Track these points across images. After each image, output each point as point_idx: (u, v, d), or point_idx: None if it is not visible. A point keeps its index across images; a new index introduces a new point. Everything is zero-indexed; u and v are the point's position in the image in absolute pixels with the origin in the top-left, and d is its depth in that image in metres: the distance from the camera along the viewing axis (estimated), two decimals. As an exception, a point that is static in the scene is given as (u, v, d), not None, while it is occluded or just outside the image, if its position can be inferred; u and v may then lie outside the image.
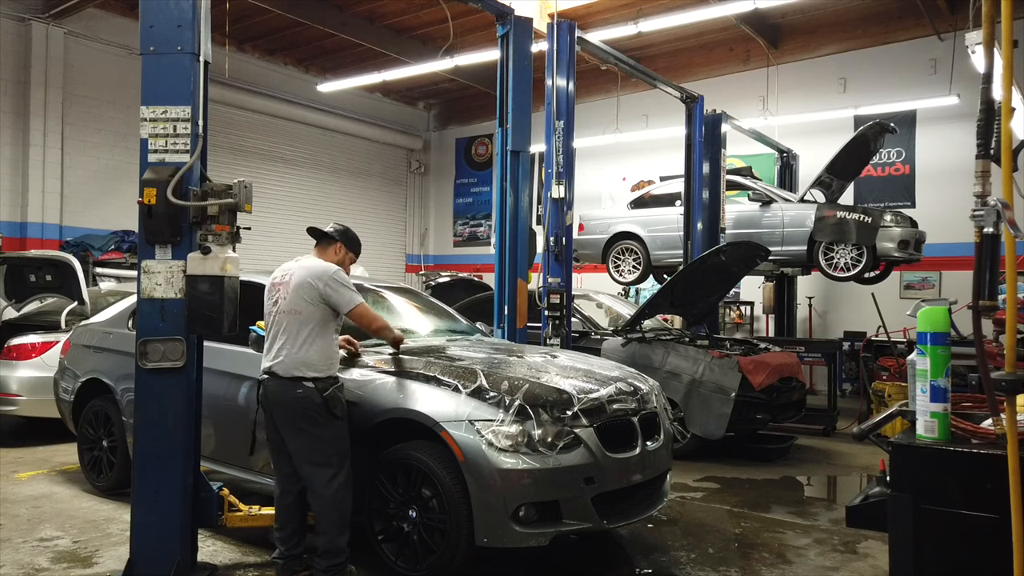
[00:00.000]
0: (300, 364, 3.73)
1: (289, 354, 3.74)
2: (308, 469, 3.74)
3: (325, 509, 3.71)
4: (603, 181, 14.77)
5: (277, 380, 3.76)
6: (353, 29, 12.31)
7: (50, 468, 6.29)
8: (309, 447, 3.74)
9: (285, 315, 3.79)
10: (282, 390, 3.74)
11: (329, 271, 3.85)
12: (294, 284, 3.81)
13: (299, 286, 3.80)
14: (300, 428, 3.72)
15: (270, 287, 3.94)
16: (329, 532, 3.71)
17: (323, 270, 3.84)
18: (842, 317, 12.18)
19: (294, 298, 3.79)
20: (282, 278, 3.90)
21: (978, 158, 2.56)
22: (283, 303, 3.82)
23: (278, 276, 3.94)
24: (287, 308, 3.80)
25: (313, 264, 3.91)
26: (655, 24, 9.92)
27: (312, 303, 3.77)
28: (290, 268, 3.93)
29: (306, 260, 3.96)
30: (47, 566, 4.09)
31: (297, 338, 3.75)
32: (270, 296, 3.92)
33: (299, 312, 3.77)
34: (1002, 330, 2.70)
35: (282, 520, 3.90)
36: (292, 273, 3.87)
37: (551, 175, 7.00)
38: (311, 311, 3.77)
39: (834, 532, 4.91)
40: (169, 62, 3.72)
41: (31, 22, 11.23)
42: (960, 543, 2.57)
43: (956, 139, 11.15)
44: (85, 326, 6.14)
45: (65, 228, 11.55)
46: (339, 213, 15.61)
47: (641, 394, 4.30)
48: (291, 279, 3.84)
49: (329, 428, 3.75)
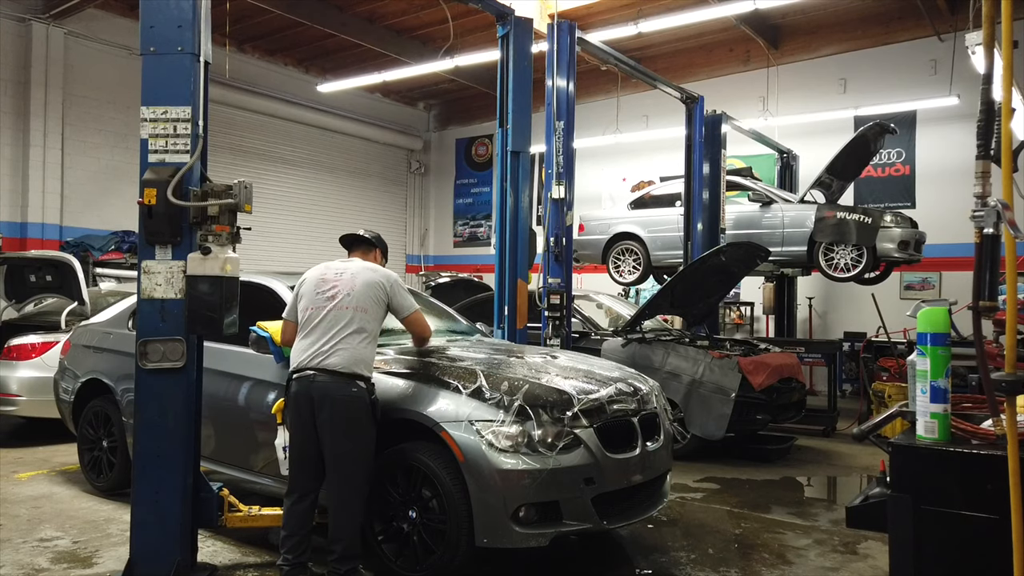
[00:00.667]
0: (359, 361, 3.71)
1: (350, 350, 3.69)
2: (343, 472, 3.65)
3: (347, 514, 3.65)
4: (603, 181, 14.78)
5: (330, 375, 3.66)
6: (353, 29, 12.32)
7: (50, 468, 6.29)
8: (351, 449, 3.66)
9: (349, 311, 3.74)
10: (336, 386, 3.65)
11: (392, 276, 3.96)
12: (364, 282, 3.81)
13: (369, 285, 3.81)
14: (347, 428, 3.65)
15: (319, 280, 3.86)
16: (348, 537, 3.64)
17: (386, 275, 3.94)
18: (842, 318, 12.18)
19: (363, 296, 3.78)
20: (338, 275, 3.85)
21: (978, 159, 2.56)
22: (346, 299, 3.76)
23: (330, 273, 3.89)
24: (354, 304, 3.76)
25: (375, 267, 3.99)
26: (655, 24, 9.92)
27: (378, 304, 3.83)
28: (346, 267, 3.91)
29: (363, 263, 3.98)
30: (47, 566, 4.09)
31: (358, 335, 3.73)
32: (320, 289, 3.83)
33: (366, 310, 3.78)
34: (1002, 331, 2.70)
35: (293, 526, 3.73)
36: (354, 272, 3.86)
37: (551, 175, 7.00)
38: (376, 311, 3.82)
39: (834, 533, 4.91)
40: (169, 62, 3.72)
41: (31, 22, 11.24)
42: (960, 544, 2.57)
43: (956, 140, 11.15)
44: (85, 326, 6.14)
45: (65, 228, 11.55)
46: (339, 213, 15.63)
47: (641, 395, 4.30)
48: (353, 277, 3.83)
49: (370, 431, 3.72)
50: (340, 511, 3.67)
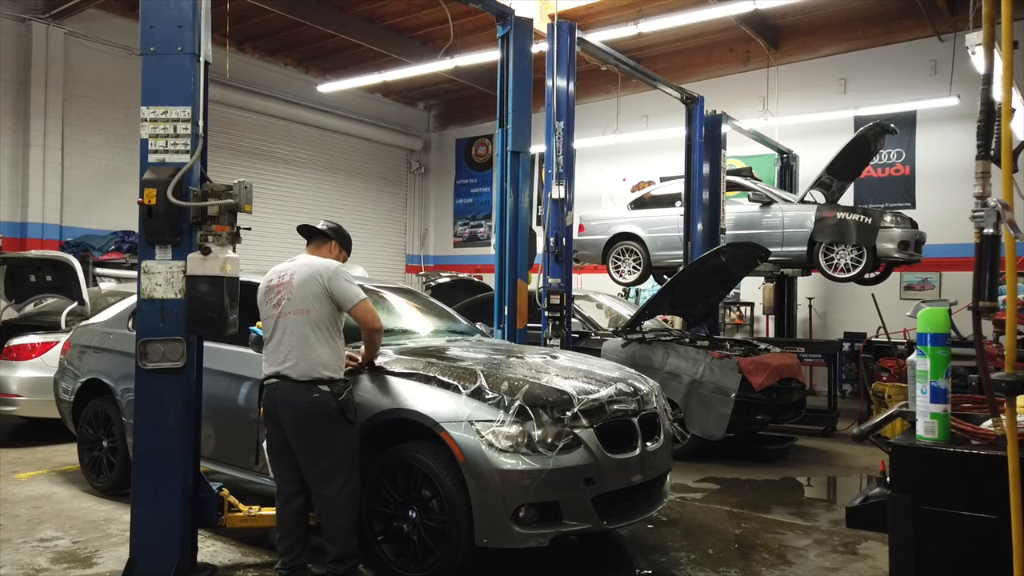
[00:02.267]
0: (316, 366, 3.63)
1: (303, 356, 3.63)
2: (320, 475, 3.63)
3: (337, 515, 3.64)
4: (603, 182, 14.78)
5: (290, 383, 3.63)
6: (353, 30, 12.32)
7: (50, 468, 6.29)
8: (322, 453, 3.63)
9: (293, 316, 3.67)
10: (296, 394, 3.61)
11: (331, 266, 3.77)
12: (298, 282, 3.71)
13: (304, 283, 3.70)
14: (313, 434, 3.61)
15: (266, 289, 3.82)
16: (342, 537, 3.63)
17: (325, 265, 3.77)
18: (842, 318, 12.18)
19: (301, 297, 3.68)
20: (280, 279, 3.79)
21: (978, 159, 2.56)
22: (288, 304, 3.70)
23: (275, 278, 3.83)
24: (295, 308, 3.68)
25: (314, 260, 3.83)
26: (655, 25, 9.92)
27: (320, 300, 3.68)
28: (287, 268, 3.83)
29: (304, 258, 3.87)
30: (47, 566, 4.09)
31: (309, 339, 3.64)
32: (268, 299, 3.80)
33: (307, 312, 3.67)
34: (1002, 331, 2.70)
35: (286, 528, 3.75)
36: (292, 272, 3.77)
37: (551, 176, 7.00)
38: (320, 309, 3.68)
39: (834, 533, 4.91)
40: (169, 62, 3.72)
41: (31, 22, 11.24)
42: (960, 544, 2.57)
43: (956, 140, 11.15)
44: (85, 326, 6.14)
45: (65, 228, 11.55)
46: (339, 213, 15.61)
47: (641, 395, 4.30)
48: (293, 278, 3.74)
49: (343, 433, 3.66)
50: (327, 514, 3.66)
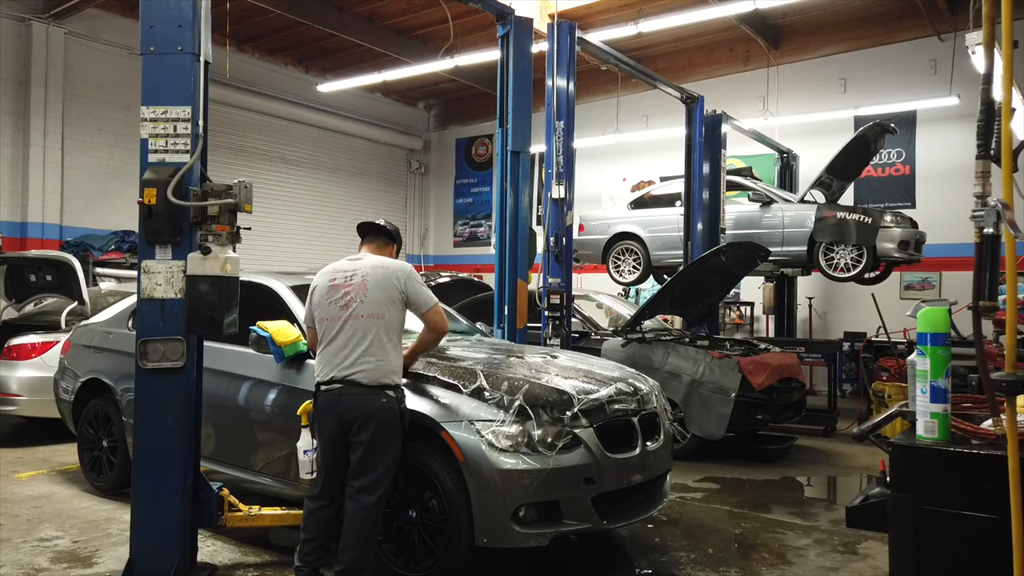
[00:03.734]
0: (389, 372, 3.59)
1: (373, 362, 3.54)
2: (364, 481, 3.53)
3: (363, 523, 3.52)
4: (603, 181, 14.77)
5: (358, 388, 3.53)
6: (353, 29, 12.32)
7: (50, 468, 6.29)
8: (376, 460, 3.54)
9: (368, 320, 3.56)
10: (367, 400, 3.53)
11: (406, 268, 3.72)
12: (374, 285, 3.60)
13: (381, 286, 3.61)
14: (375, 440, 3.53)
15: (329, 288, 3.68)
16: (359, 548, 3.52)
17: (401, 267, 3.71)
18: (842, 318, 12.18)
19: (377, 301, 3.59)
20: (348, 279, 3.65)
21: (978, 159, 2.56)
22: (360, 307, 3.57)
23: (339, 278, 3.68)
24: (369, 312, 3.57)
25: (387, 262, 3.74)
26: (655, 24, 9.92)
27: (394, 304, 3.62)
28: (355, 268, 3.69)
29: (373, 259, 3.75)
30: (47, 566, 4.09)
31: (384, 344, 3.58)
32: (332, 298, 3.64)
33: (383, 317, 3.58)
34: (1002, 331, 2.70)
35: (315, 531, 3.63)
36: (364, 273, 3.65)
37: (551, 175, 7.00)
38: (394, 315, 3.63)
39: (834, 533, 4.91)
40: (169, 62, 3.72)
41: (31, 22, 11.23)
42: (960, 543, 2.57)
43: (956, 140, 11.15)
44: (85, 326, 6.14)
45: (65, 228, 11.55)
46: (339, 213, 15.63)
47: (641, 394, 4.30)
48: (366, 280, 3.62)
49: (396, 442, 3.61)
50: (356, 518, 3.54)
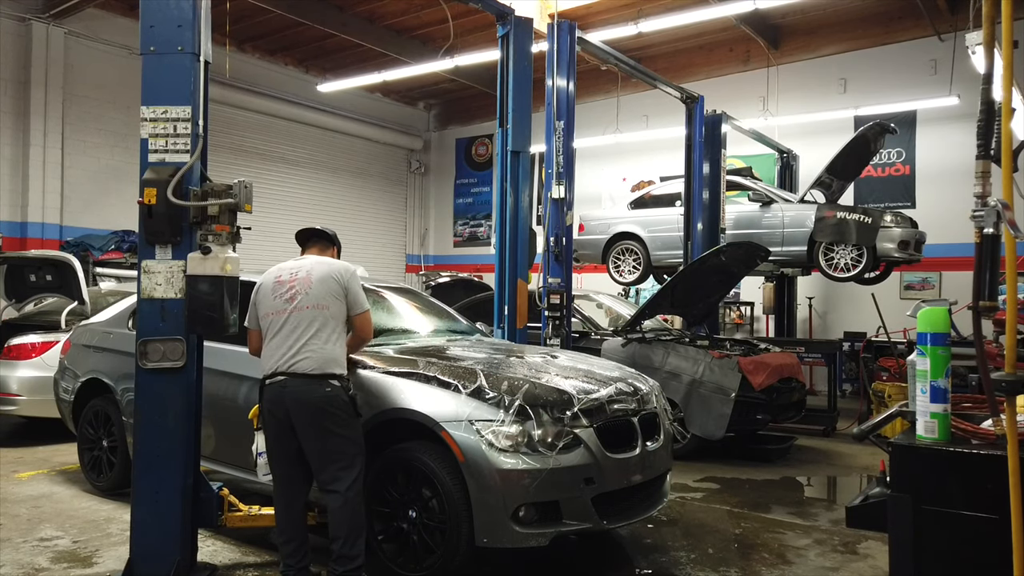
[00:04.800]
0: (330, 361, 3.63)
1: (317, 351, 3.62)
2: (331, 472, 3.58)
3: (344, 512, 3.57)
4: (603, 181, 14.77)
5: (300, 379, 3.59)
6: (353, 29, 12.32)
7: (50, 468, 6.29)
8: (336, 449, 3.59)
9: (310, 311, 3.67)
10: (308, 389, 3.58)
11: (351, 269, 3.85)
12: (318, 278, 3.72)
13: (324, 280, 3.72)
14: (328, 429, 3.57)
15: (274, 284, 3.79)
16: (348, 536, 3.57)
17: (345, 267, 3.83)
18: (842, 317, 12.18)
19: (320, 293, 3.70)
20: (293, 275, 3.77)
21: (978, 159, 2.56)
22: (304, 299, 3.69)
23: (284, 274, 3.81)
24: (312, 303, 3.68)
25: (332, 261, 3.90)
26: (655, 24, 9.92)
27: (337, 298, 3.73)
28: (299, 265, 3.83)
29: (316, 258, 3.90)
30: (47, 566, 4.09)
31: (323, 334, 3.65)
32: (278, 292, 3.75)
33: (327, 307, 3.69)
34: (1002, 331, 2.70)
35: (290, 532, 3.69)
36: (308, 269, 3.78)
37: (551, 175, 7.00)
38: (338, 307, 3.73)
39: (834, 532, 4.91)
40: (169, 62, 3.72)
41: (31, 22, 11.23)
42: (960, 543, 2.57)
43: (956, 140, 11.15)
44: (85, 326, 6.14)
45: (65, 228, 11.55)
46: (339, 213, 15.63)
47: (641, 394, 4.30)
48: (310, 274, 3.74)
49: (353, 427, 3.66)
50: (337, 510, 3.59)
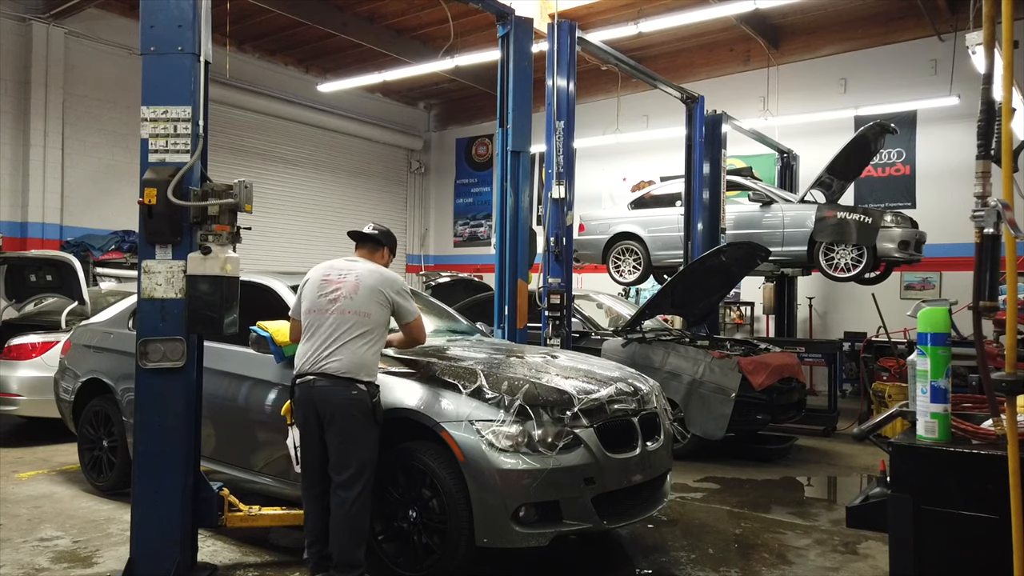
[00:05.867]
0: (360, 366, 3.66)
1: (349, 354, 3.65)
2: (342, 474, 3.62)
3: (347, 516, 3.59)
4: (603, 181, 14.77)
5: (328, 379, 3.63)
6: (353, 29, 12.31)
7: (50, 468, 6.29)
8: (353, 452, 3.62)
9: (351, 315, 3.69)
10: (336, 390, 3.62)
11: (399, 280, 3.89)
12: (365, 286, 3.74)
13: (372, 290, 3.74)
14: (349, 430, 3.62)
15: (321, 281, 3.80)
16: (348, 542, 3.58)
17: (394, 278, 3.87)
18: (842, 317, 12.18)
19: (365, 300, 3.72)
20: (341, 276, 3.79)
21: (978, 159, 2.56)
22: (347, 302, 3.71)
23: (332, 273, 3.82)
24: (355, 308, 3.70)
25: (381, 270, 3.90)
26: (655, 24, 9.92)
27: (383, 307, 3.76)
28: (349, 267, 3.84)
29: (366, 264, 3.91)
30: (47, 566, 4.09)
31: (360, 340, 3.68)
32: (322, 290, 3.77)
33: (369, 315, 3.71)
34: (1002, 331, 2.70)
35: (317, 532, 3.73)
36: (355, 273, 3.79)
37: (551, 175, 7.00)
38: (380, 315, 3.75)
39: (834, 533, 4.91)
40: (169, 62, 3.72)
41: (32, 22, 11.22)
42: (960, 544, 2.57)
43: (956, 140, 11.14)
44: (85, 326, 6.14)
45: (65, 228, 11.54)
46: (339, 213, 15.63)
47: (641, 394, 4.30)
48: (359, 280, 3.76)
49: (370, 435, 3.67)
50: (341, 514, 3.61)
